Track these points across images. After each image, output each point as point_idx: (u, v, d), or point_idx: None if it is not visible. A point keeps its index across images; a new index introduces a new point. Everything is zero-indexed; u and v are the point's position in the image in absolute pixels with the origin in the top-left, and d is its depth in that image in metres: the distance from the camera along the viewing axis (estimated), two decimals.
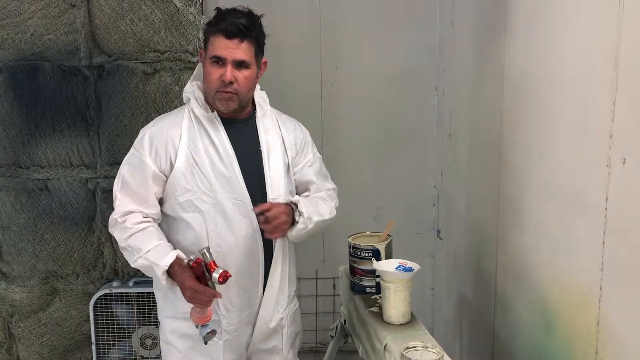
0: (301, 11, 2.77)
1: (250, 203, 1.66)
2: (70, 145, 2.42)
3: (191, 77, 1.75)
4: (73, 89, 2.38)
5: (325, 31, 2.81)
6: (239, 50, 1.61)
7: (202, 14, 2.35)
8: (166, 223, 1.73)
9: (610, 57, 1.32)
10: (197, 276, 1.54)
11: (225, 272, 1.51)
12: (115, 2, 2.31)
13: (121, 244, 1.67)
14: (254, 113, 1.76)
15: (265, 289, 1.73)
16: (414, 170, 2.92)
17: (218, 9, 1.66)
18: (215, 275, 1.50)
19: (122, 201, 1.68)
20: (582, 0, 1.48)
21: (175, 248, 1.66)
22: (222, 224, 1.66)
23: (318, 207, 1.77)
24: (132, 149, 1.71)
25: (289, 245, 1.80)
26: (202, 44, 1.71)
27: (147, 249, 1.60)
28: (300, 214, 1.68)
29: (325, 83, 2.85)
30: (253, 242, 1.69)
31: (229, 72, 1.61)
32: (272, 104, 1.83)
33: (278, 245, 1.73)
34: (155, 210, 1.69)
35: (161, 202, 1.72)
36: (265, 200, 1.68)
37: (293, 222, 1.69)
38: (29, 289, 2.51)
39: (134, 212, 1.67)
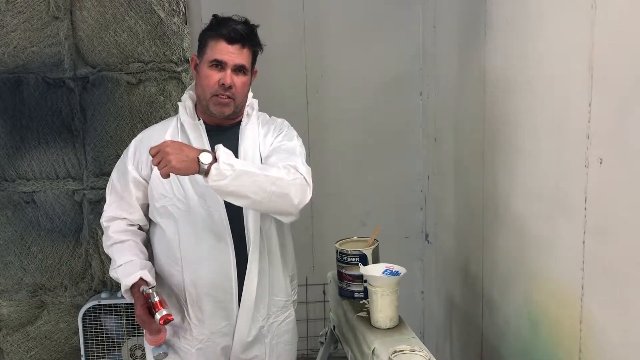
0: (285, 19, 2.79)
1: (225, 212, 1.64)
2: (55, 157, 2.42)
3: (187, 88, 1.76)
4: (58, 101, 2.38)
5: (310, 39, 2.83)
6: (240, 55, 1.62)
7: (186, 24, 2.35)
8: (151, 229, 1.76)
9: (585, 59, 1.34)
10: (148, 305, 1.56)
11: (168, 315, 1.52)
12: (99, 14, 2.31)
13: (105, 249, 1.74)
14: (241, 121, 1.76)
15: (241, 301, 1.69)
16: (401, 175, 2.94)
17: (215, 15, 1.66)
18: (158, 316, 1.52)
19: (109, 205, 1.74)
20: (557, 4, 1.51)
21: (156, 256, 1.71)
22: (192, 232, 1.64)
23: (250, 165, 1.53)
24: (121, 156, 1.76)
25: (273, 256, 1.75)
26: (197, 49, 1.69)
27: (120, 263, 1.64)
28: (216, 158, 1.42)
29: (310, 90, 2.87)
30: (224, 255, 1.65)
31: (229, 76, 1.61)
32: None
33: (252, 257, 1.67)
34: (138, 215, 1.72)
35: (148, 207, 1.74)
36: (240, 209, 1.64)
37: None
38: (16, 303, 2.50)
39: (118, 218, 1.72)
